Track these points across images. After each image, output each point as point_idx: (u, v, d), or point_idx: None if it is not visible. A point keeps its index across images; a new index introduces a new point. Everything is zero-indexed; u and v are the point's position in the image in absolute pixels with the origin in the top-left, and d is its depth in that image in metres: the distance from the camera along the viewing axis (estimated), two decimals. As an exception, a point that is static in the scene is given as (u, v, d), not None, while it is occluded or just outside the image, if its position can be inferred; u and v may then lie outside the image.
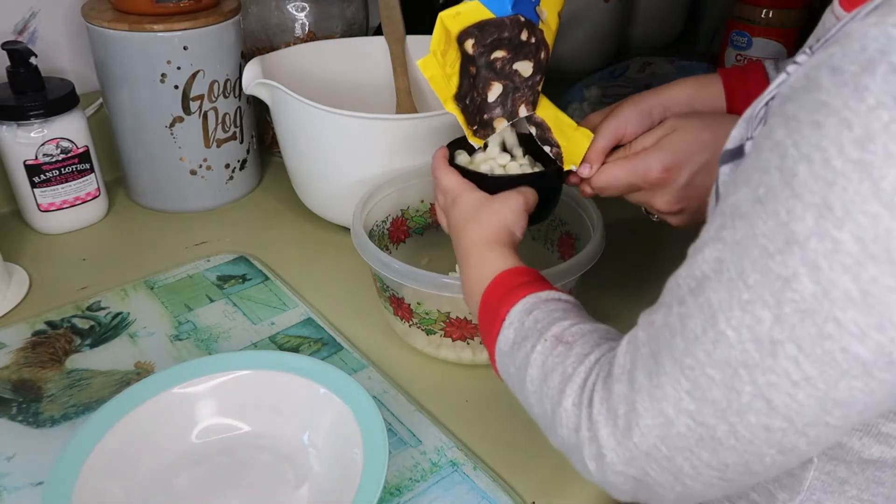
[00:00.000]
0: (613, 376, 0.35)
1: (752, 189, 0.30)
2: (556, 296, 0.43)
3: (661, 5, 1.38)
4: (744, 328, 0.29)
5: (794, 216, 0.28)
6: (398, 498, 0.50)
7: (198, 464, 0.51)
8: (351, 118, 0.68)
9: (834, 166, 0.26)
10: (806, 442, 0.31)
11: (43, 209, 0.77)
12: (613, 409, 0.35)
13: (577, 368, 0.38)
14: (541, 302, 0.42)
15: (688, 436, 0.32)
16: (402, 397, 0.59)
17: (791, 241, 0.28)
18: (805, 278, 0.27)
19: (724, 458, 0.32)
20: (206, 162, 0.82)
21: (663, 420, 0.33)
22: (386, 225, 0.69)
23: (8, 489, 0.50)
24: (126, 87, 0.77)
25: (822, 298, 0.27)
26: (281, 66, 0.79)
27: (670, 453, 0.33)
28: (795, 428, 0.30)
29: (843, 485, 0.39)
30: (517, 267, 0.46)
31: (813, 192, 0.27)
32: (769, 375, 0.29)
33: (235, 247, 0.78)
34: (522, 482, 0.52)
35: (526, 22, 0.52)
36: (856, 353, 0.27)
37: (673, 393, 0.32)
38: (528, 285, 0.44)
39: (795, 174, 0.28)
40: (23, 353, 0.62)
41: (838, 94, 0.26)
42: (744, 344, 0.29)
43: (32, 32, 0.76)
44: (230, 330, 0.65)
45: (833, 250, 0.27)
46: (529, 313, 0.42)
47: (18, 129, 0.72)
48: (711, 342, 0.31)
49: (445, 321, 0.58)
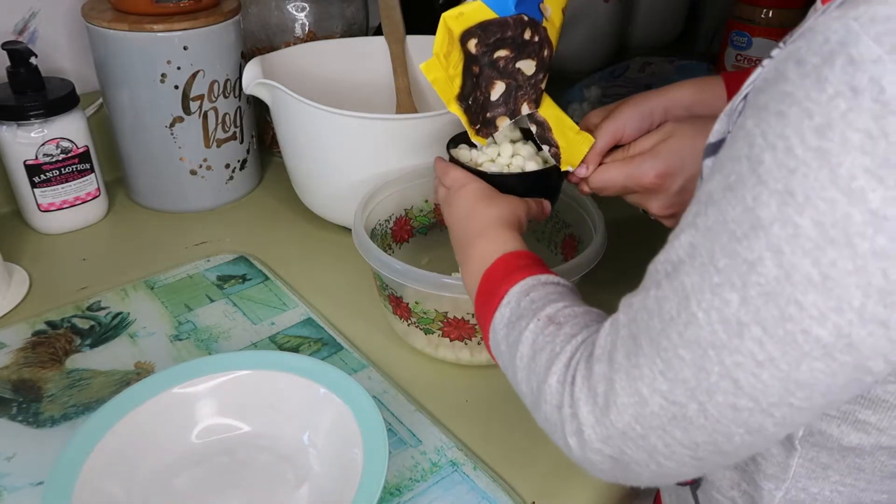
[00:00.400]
0: (595, 356, 0.36)
1: (724, 177, 0.31)
2: (555, 280, 0.44)
3: (661, 5, 1.38)
4: (713, 310, 0.30)
5: (760, 202, 0.29)
6: (398, 498, 0.50)
7: (198, 464, 0.51)
8: (351, 118, 0.68)
9: (796, 154, 0.27)
10: (773, 422, 0.31)
11: (43, 209, 0.77)
12: (593, 388, 0.36)
13: (564, 347, 0.39)
14: (539, 284, 0.43)
15: (661, 414, 0.33)
16: (402, 397, 0.59)
17: (756, 226, 0.29)
18: (769, 262, 0.28)
19: (695, 437, 0.33)
20: (206, 162, 0.82)
21: (638, 399, 0.34)
22: (389, 224, 0.69)
23: (8, 489, 0.50)
24: (126, 87, 0.77)
25: (785, 282, 0.28)
26: (281, 66, 0.79)
27: (644, 431, 0.34)
28: (761, 408, 0.31)
29: (826, 470, 0.40)
30: (522, 250, 0.47)
31: (776, 178, 0.28)
32: (735, 356, 0.30)
33: (235, 247, 0.78)
34: (522, 482, 0.52)
35: (529, 21, 0.52)
36: (816, 335, 0.28)
37: (648, 373, 0.33)
38: (530, 268, 0.45)
39: (761, 161, 0.29)
40: (23, 353, 0.62)
41: (801, 84, 0.27)
42: (712, 325, 0.30)
43: (32, 32, 0.76)
44: (230, 330, 0.65)
45: (794, 235, 0.28)
46: (527, 294, 0.43)
47: (18, 129, 0.72)
48: (684, 323, 0.32)
49: (443, 321, 0.58)
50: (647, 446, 0.34)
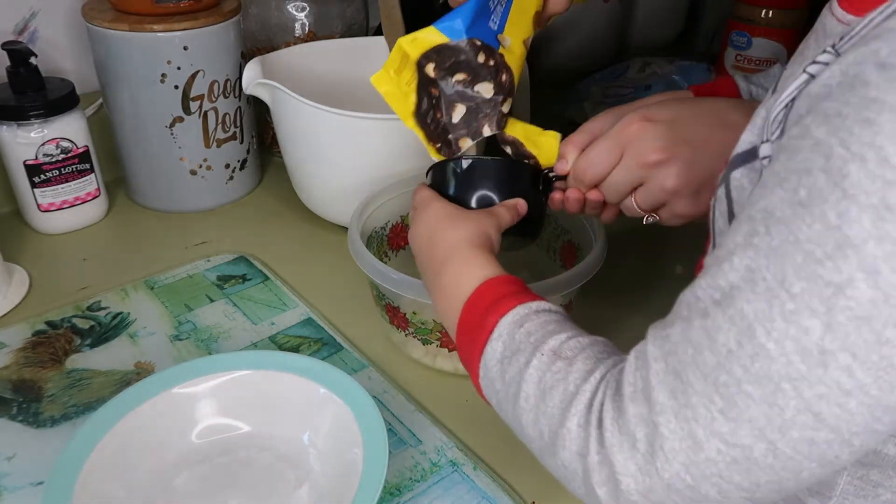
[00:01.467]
0: (625, 395, 0.33)
1: (790, 192, 0.28)
2: (547, 307, 0.41)
3: (661, 5, 1.38)
4: (787, 340, 0.28)
5: (848, 219, 0.26)
6: (398, 498, 0.50)
7: (198, 464, 0.51)
8: (351, 118, 0.68)
9: (893, 164, 0.25)
10: (849, 452, 0.29)
11: (43, 209, 0.77)
12: (630, 432, 0.33)
13: (581, 387, 0.36)
14: (532, 313, 0.40)
15: (717, 460, 0.31)
16: (402, 397, 0.59)
17: (844, 245, 0.26)
18: (862, 283, 0.26)
19: (758, 479, 0.31)
20: (206, 162, 0.82)
21: (692, 443, 0.31)
22: (385, 231, 0.69)
23: (8, 489, 0.50)
24: (126, 87, 0.77)
25: (882, 304, 0.26)
26: (281, 66, 0.79)
27: (695, 482, 0.31)
28: (842, 438, 0.29)
29: (876, 488, 0.39)
30: (503, 275, 0.44)
31: (869, 192, 0.26)
32: (818, 387, 0.28)
33: (235, 247, 0.78)
34: (522, 482, 0.52)
35: (483, 46, 0.53)
36: None
37: (705, 413, 0.30)
38: (517, 295, 0.42)
39: (846, 175, 0.26)
40: (23, 353, 0.62)
41: (891, 88, 0.26)
42: (788, 356, 0.28)
43: (32, 32, 0.76)
44: (230, 330, 0.65)
45: (894, 252, 0.26)
46: (520, 325, 0.40)
47: (18, 129, 0.72)
48: (749, 356, 0.29)
49: (441, 331, 0.58)
50: (696, 496, 0.32)
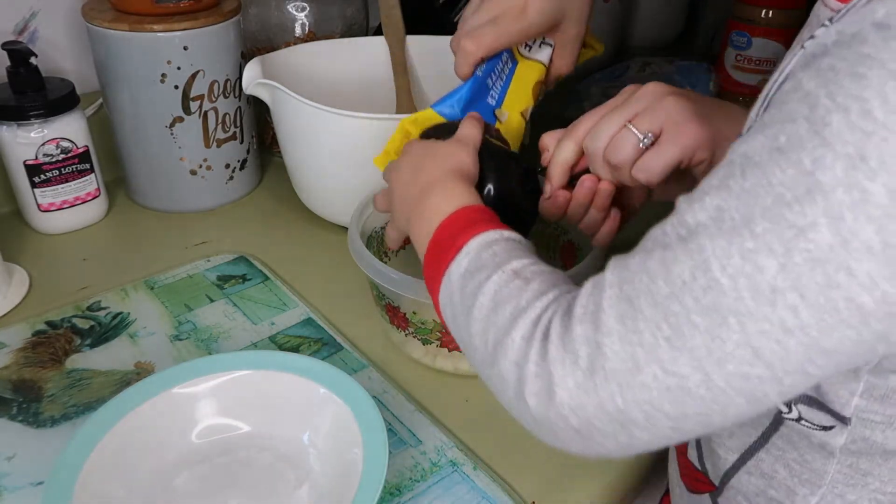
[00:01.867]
0: (574, 316, 0.34)
1: (771, 138, 0.29)
2: (517, 237, 0.42)
3: (661, 5, 1.38)
4: (742, 276, 0.29)
5: (822, 165, 0.27)
6: (398, 498, 0.50)
7: (198, 464, 0.51)
8: (351, 118, 0.68)
9: (875, 117, 0.26)
10: (778, 391, 0.30)
11: (43, 209, 0.77)
12: (573, 350, 0.34)
13: (533, 303, 0.37)
14: (502, 239, 0.41)
15: (652, 386, 0.32)
16: (402, 397, 0.59)
17: (814, 190, 0.27)
18: (824, 228, 0.27)
19: (687, 409, 0.32)
20: (206, 162, 0.82)
21: (632, 366, 0.32)
22: (385, 231, 0.69)
23: (8, 489, 0.50)
24: (126, 87, 0.77)
25: (840, 248, 0.27)
26: (281, 66, 0.79)
27: (626, 405, 0.32)
28: (774, 376, 0.30)
29: (865, 477, 0.39)
30: (478, 205, 0.45)
31: (846, 141, 0.27)
32: (762, 324, 0.29)
33: (235, 247, 0.78)
34: (522, 482, 0.52)
35: None
36: (860, 302, 0.27)
37: (650, 339, 0.31)
38: (490, 222, 0.43)
39: (828, 123, 0.27)
40: (23, 353, 0.62)
41: (886, 47, 0.26)
42: (739, 292, 0.29)
43: (32, 32, 0.76)
44: (230, 330, 0.65)
45: (861, 201, 0.26)
46: (489, 247, 0.41)
47: (18, 129, 0.72)
48: (702, 288, 0.30)
49: (441, 331, 0.58)
50: (622, 418, 0.33)
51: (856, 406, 0.37)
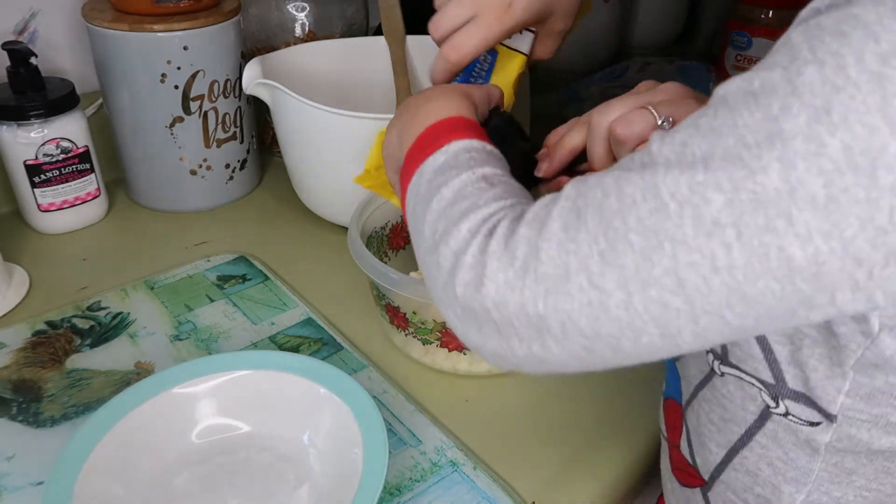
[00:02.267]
0: (523, 220, 0.35)
1: (747, 82, 0.30)
2: (500, 155, 0.43)
3: (661, 5, 1.38)
4: (688, 205, 0.29)
5: (788, 113, 0.28)
6: (398, 498, 0.50)
7: (198, 464, 0.51)
8: (351, 118, 0.68)
9: (847, 74, 0.26)
10: (692, 331, 0.31)
11: (43, 209, 0.77)
12: (512, 248, 0.34)
13: (489, 203, 0.37)
14: (483, 151, 0.42)
15: (575, 297, 0.32)
16: (402, 397, 0.59)
17: (775, 136, 0.28)
18: (774, 173, 0.27)
19: (600, 328, 0.32)
20: (206, 162, 0.82)
21: (562, 273, 0.32)
22: (385, 231, 0.69)
23: (8, 489, 0.50)
24: (126, 87, 0.77)
25: (785, 195, 0.27)
26: (281, 66, 0.79)
27: (546, 312, 0.33)
28: (692, 312, 0.30)
29: (850, 475, 0.39)
30: (475, 121, 0.45)
31: (815, 93, 0.27)
32: (694, 255, 0.29)
33: (235, 247, 0.78)
34: (522, 482, 0.52)
35: None
36: (791, 254, 0.28)
37: (586, 250, 0.32)
38: (482, 136, 0.43)
39: (801, 73, 0.28)
40: (23, 353, 0.62)
41: (874, 10, 0.27)
42: (683, 219, 0.29)
43: (32, 32, 0.76)
44: (230, 330, 0.65)
45: (816, 153, 0.27)
46: (468, 152, 0.41)
47: (18, 129, 0.72)
48: (649, 210, 0.30)
49: (441, 331, 0.58)
50: (540, 325, 0.33)
51: (842, 404, 0.37)
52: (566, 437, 0.56)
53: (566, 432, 0.56)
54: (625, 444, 0.56)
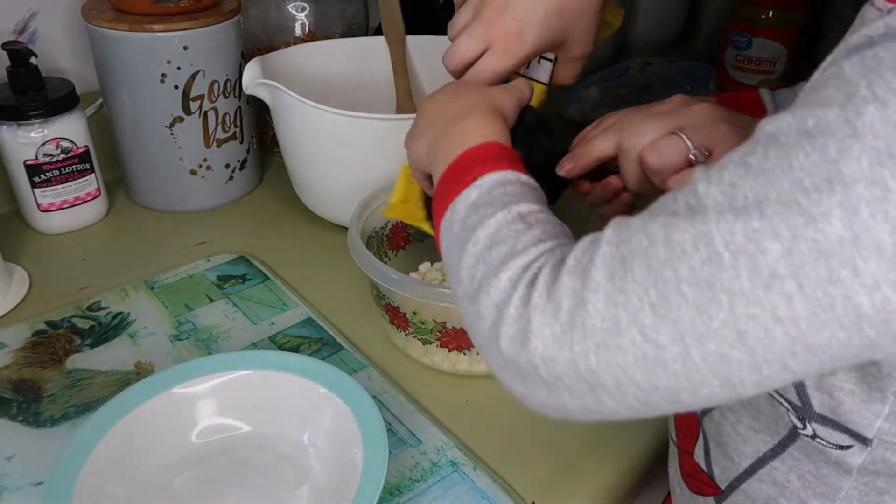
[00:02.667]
0: (565, 267, 0.33)
1: (799, 119, 0.28)
2: (535, 185, 0.41)
3: (661, 5, 1.38)
4: (743, 255, 0.28)
5: (848, 156, 0.26)
6: (398, 498, 0.50)
7: (198, 464, 0.51)
8: (351, 118, 0.68)
9: None
10: (754, 381, 0.30)
11: (43, 209, 0.77)
12: (557, 300, 0.33)
13: (528, 248, 0.36)
14: (518, 182, 0.40)
15: (629, 351, 0.31)
16: (402, 397, 0.59)
17: (835, 180, 0.26)
18: (837, 221, 0.26)
19: (658, 382, 0.31)
20: (206, 162, 0.82)
21: (612, 326, 0.31)
22: (385, 231, 0.69)
23: (8, 489, 0.50)
24: (126, 87, 0.77)
25: (849, 244, 0.26)
26: (281, 66, 0.79)
27: (598, 367, 0.31)
28: (753, 363, 0.29)
29: (882, 495, 0.38)
30: (507, 144, 0.43)
31: (877, 135, 0.26)
32: (752, 307, 0.28)
33: (235, 247, 0.78)
34: (522, 482, 0.52)
35: None
36: (858, 303, 0.27)
37: (636, 302, 0.30)
38: (513, 164, 0.41)
39: (861, 113, 0.26)
40: (23, 353, 0.62)
41: None
42: (738, 270, 0.28)
43: (32, 32, 0.76)
44: (230, 330, 0.65)
45: (882, 199, 0.25)
46: (503, 186, 0.40)
47: (18, 129, 0.72)
48: (701, 260, 0.29)
49: (441, 331, 0.58)
50: (592, 380, 0.32)
51: (879, 428, 0.36)
52: (566, 437, 0.56)
53: (566, 432, 0.56)
54: (625, 444, 0.56)
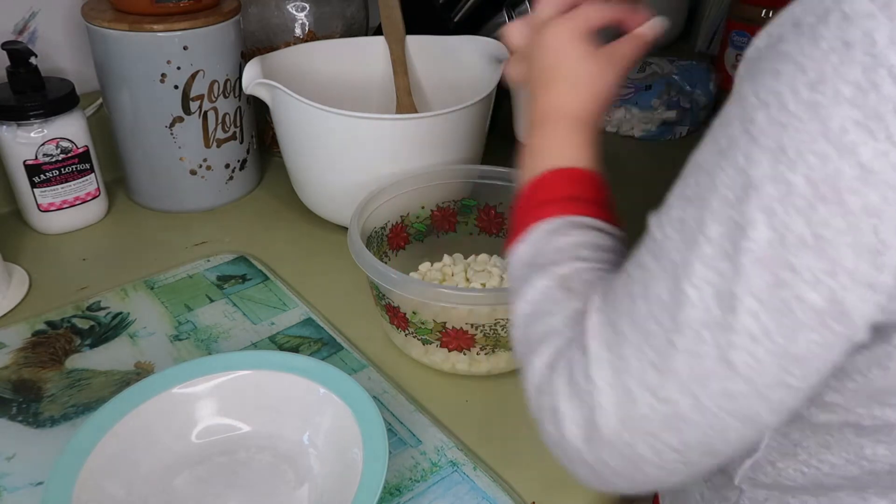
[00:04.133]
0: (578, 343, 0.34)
1: (714, 142, 0.30)
2: (592, 223, 0.40)
3: (661, 5, 1.37)
4: (706, 285, 0.29)
5: (752, 161, 0.28)
6: (398, 498, 0.50)
7: (198, 464, 0.51)
8: (351, 118, 0.68)
9: (789, 109, 0.27)
10: (768, 408, 0.30)
11: (43, 209, 0.77)
12: (576, 382, 0.33)
13: (563, 330, 0.36)
14: (574, 227, 0.39)
15: (650, 416, 0.31)
16: (402, 397, 0.59)
17: (748, 186, 0.28)
18: (761, 225, 0.27)
19: (688, 438, 0.31)
20: (206, 162, 0.82)
21: (627, 398, 0.31)
22: (385, 231, 0.69)
23: (8, 489, 0.50)
24: (126, 87, 0.77)
25: (778, 245, 0.27)
26: (281, 66, 0.78)
27: (632, 439, 0.32)
28: (757, 391, 0.29)
29: (796, 447, 0.39)
30: (578, 169, 0.42)
31: (768, 135, 0.28)
32: (730, 334, 0.29)
33: (235, 247, 0.78)
34: (522, 482, 0.52)
35: None
36: (811, 301, 0.27)
37: (637, 365, 0.31)
38: (575, 203, 0.41)
39: (753, 120, 0.28)
40: (23, 353, 0.62)
41: (797, 42, 0.27)
42: (705, 301, 0.29)
43: (32, 32, 0.76)
44: (230, 330, 0.65)
45: (787, 193, 0.27)
46: (554, 236, 0.39)
47: (18, 129, 0.72)
48: (676, 304, 0.30)
49: (441, 331, 0.58)
50: (633, 455, 0.32)
51: None
52: (566, 437, 0.56)
53: (566, 432, 0.56)
54: (625, 444, 0.56)
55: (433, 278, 0.68)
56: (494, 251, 0.72)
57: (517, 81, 0.51)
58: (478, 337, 0.57)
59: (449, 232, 0.73)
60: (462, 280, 0.67)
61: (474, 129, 0.74)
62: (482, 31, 0.89)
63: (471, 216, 0.73)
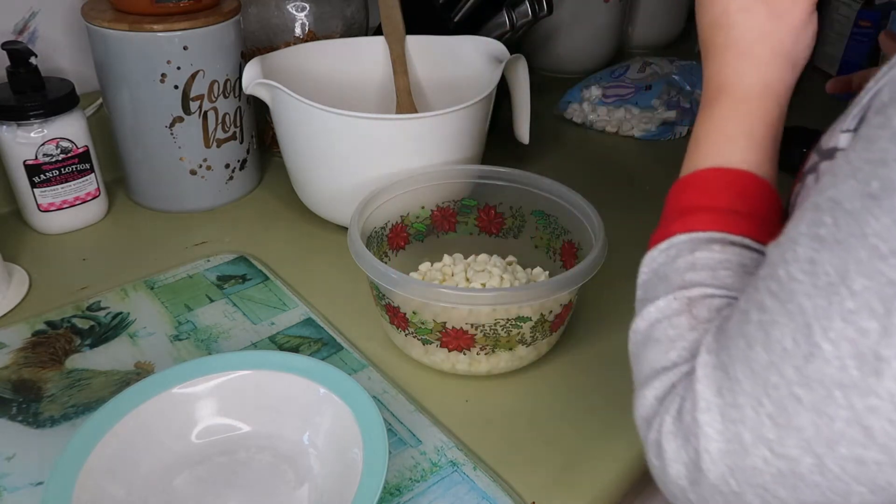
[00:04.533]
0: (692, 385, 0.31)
1: (862, 183, 0.26)
2: (741, 241, 0.36)
3: (661, 5, 1.38)
4: (844, 341, 0.26)
5: None
6: (398, 498, 0.50)
7: (198, 464, 0.51)
8: (351, 118, 0.68)
9: None
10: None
11: (43, 209, 0.77)
12: (684, 424, 0.31)
13: (679, 364, 0.33)
14: (714, 243, 0.36)
15: (764, 470, 0.29)
16: (402, 397, 0.59)
17: None
18: None
19: (804, 497, 0.28)
20: (206, 162, 0.82)
21: (738, 447, 0.29)
22: (385, 231, 0.69)
23: (8, 489, 0.50)
24: (126, 87, 0.77)
25: None
26: (281, 66, 0.79)
27: (741, 488, 0.30)
28: (894, 461, 0.26)
29: None
30: (738, 170, 0.37)
31: None
32: (870, 398, 0.25)
33: (235, 247, 0.78)
34: (522, 482, 0.52)
35: None
36: None
37: (753, 416, 0.28)
38: (728, 217, 0.36)
39: None
40: (23, 353, 0.62)
41: None
42: (843, 360, 0.26)
43: (32, 32, 0.76)
44: (230, 330, 0.65)
45: None
46: (692, 252, 0.36)
47: (18, 129, 0.72)
48: (803, 357, 0.27)
49: (441, 331, 0.58)
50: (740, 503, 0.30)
51: None
52: (566, 437, 0.56)
53: (566, 432, 0.56)
54: (625, 443, 0.55)
55: (433, 278, 0.68)
56: (494, 251, 0.72)
57: None
58: (478, 337, 0.57)
59: (449, 232, 0.73)
60: (462, 280, 0.67)
61: (474, 129, 0.74)
62: (482, 31, 0.89)
63: (471, 216, 0.73)
